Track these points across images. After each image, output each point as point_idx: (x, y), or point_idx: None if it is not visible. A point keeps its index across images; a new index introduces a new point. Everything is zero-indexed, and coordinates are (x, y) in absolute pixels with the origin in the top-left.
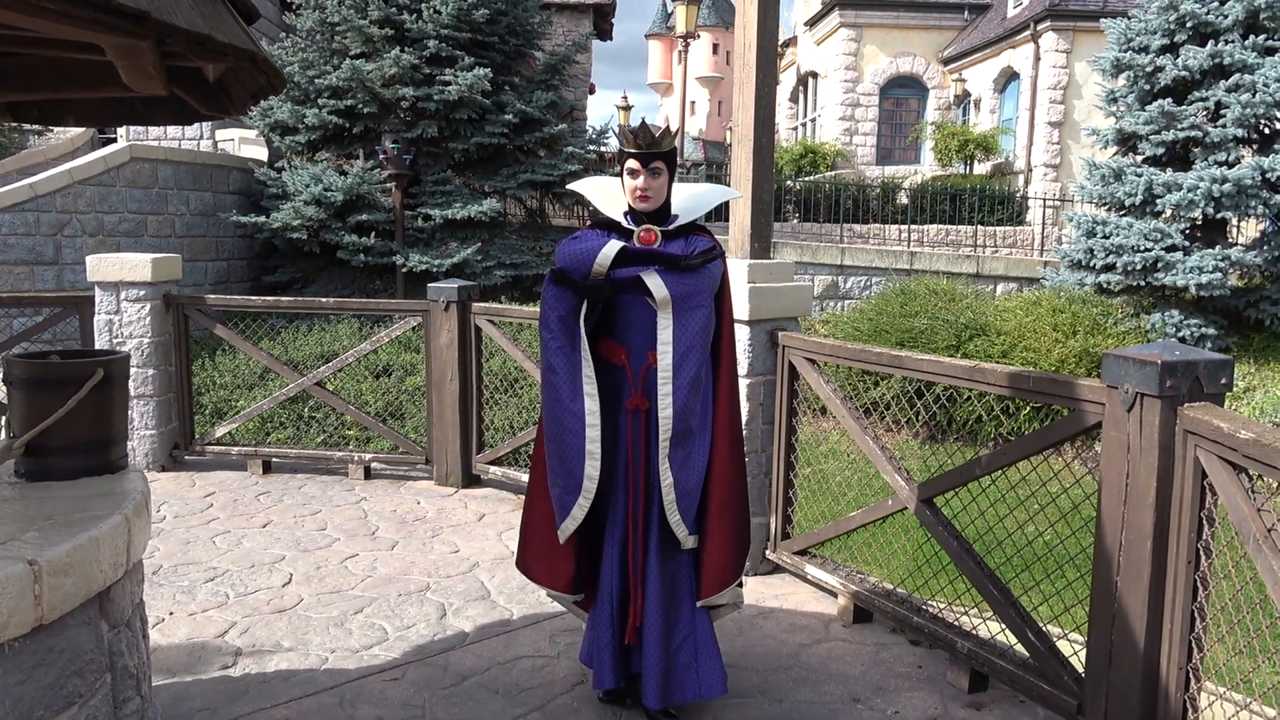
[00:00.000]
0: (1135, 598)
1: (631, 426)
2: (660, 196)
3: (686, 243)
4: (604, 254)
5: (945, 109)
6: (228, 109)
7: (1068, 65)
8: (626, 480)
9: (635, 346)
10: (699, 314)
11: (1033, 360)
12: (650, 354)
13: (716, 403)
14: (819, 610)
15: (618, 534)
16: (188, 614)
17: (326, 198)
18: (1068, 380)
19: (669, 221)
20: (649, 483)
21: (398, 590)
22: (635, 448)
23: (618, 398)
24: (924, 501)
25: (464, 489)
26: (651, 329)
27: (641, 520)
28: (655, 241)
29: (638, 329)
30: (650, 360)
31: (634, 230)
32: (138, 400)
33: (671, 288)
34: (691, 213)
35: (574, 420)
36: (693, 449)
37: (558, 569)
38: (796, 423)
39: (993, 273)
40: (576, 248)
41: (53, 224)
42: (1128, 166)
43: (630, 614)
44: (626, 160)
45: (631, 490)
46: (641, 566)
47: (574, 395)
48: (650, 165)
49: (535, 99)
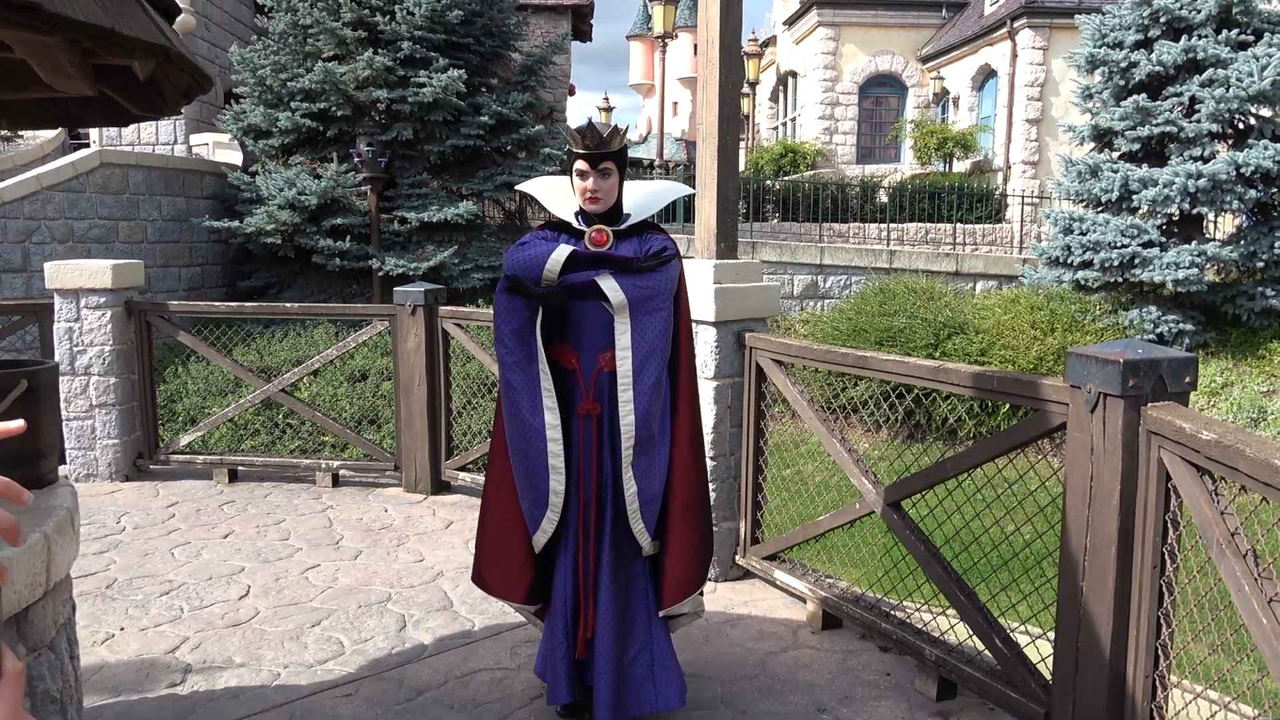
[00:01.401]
0: (1100, 604)
1: (583, 433)
2: (611, 197)
3: (640, 242)
4: (553, 259)
5: (924, 107)
6: (161, 109)
7: (1044, 62)
8: (579, 488)
9: (587, 350)
10: (658, 317)
11: (1011, 358)
12: (602, 357)
13: (676, 406)
14: (788, 617)
15: (570, 543)
16: (139, 629)
17: (300, 202)
18: (1031, 380)
19: (621, 221)
20: (600, 490)
21: (358, 602)
22: (587, 454)
23: (569, 403)
24: (891, 505)
25: (433, 495)
26: (603, 332)
27: (594, 529)
28: (607, 242)
29: (589, 332)
30: (602, 364)
31: (585, 231)
32: (99, 409)
33: (628, 291)
34: (644, 211)
35: (535, 435)
36: (654, 455)
37: (512, 580)
38: (765, 425)
39: (972, 271)
40: (525, 255)
41: (20, 231)
42: (1104, 163)
43: (580, 626)
44: (575, 161)
45: (583, 499)
46: (593, 577)
47: (534, 410)
48: (599, 166)
49: (512, 100)
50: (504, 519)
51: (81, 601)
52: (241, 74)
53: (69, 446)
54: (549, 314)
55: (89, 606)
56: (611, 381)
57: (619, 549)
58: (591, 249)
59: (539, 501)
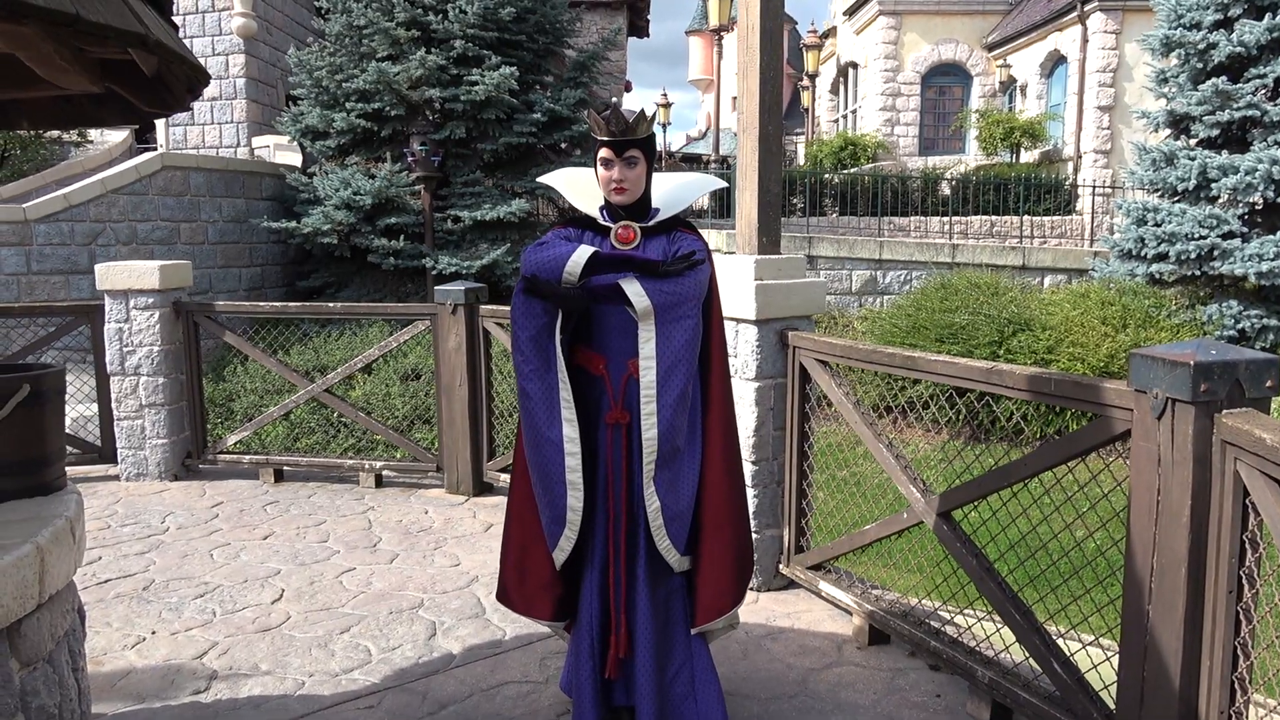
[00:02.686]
0: (1169, 630)
1: (611, 443)
2: (637, 189)
3: (669, 240)
4: (573, 261)
5: (990, 96)
6: (170, 104)
7: (1117, 47)
8: (606, 502)
9: (614, 355)
10: (685, 325)
11: (1079, 356)
12: (631, 363)
13: (709, 415)
14: (832, 630)
15: (597, 559)
16: (170, 633)
17: (356, 201)
18: (1092, 384)
19: (649, 216)
20: (631, 504)
21: (389, 608)
22: (615, 466)
23: (596, 411)
24: (942, 515)
25: (475, 497)
26: (632, 335)
27: (624, 544)
28: (634, 240)
29: (617, 336)
30: (631, 370)
31: (611, 227)
32: (149, 409)
33: (654, 297)
34: (674, 206)
35: (553, 449)
36: (681, 469)
37: (537, 597)
38: (809, 429)
39: (1040, 264)
40: (544, 255)
41: (87, 233)
42: (1180, 150)
43: (612, 645)
44: (599, 150)
45: (612, 513)
46: (624, 594)
47: (551, 422)
48: (625, 155)
49: (564, 97)
50: (526, 534)
51: (117, 603)
52: (298, 76)
53: (120, 446)
54: (572, 317)
55: (124, 608)
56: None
57: (654, 563)
58: (617, 247)
59: (557, 519)
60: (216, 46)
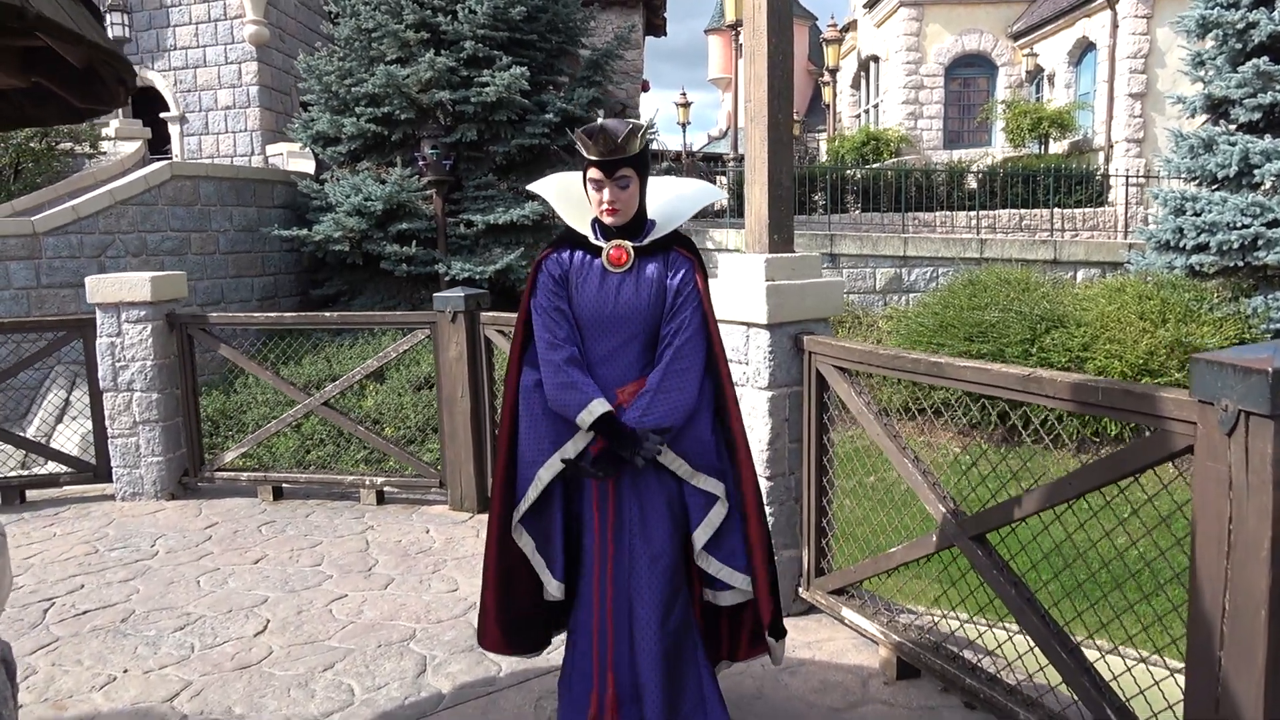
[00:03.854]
0: (1246, 682)
1: (598, 486)
2: (630, 209)
3: (665, 260)
4: (582, 418)
5: (1016, 87)
6: (105, 100)
7: (1148, 31)
8: (594, 543)
9: (605, 383)
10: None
11: (1117, 353)
12: (619, 391)
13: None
14: (857, 663)
15: (589, 606)
16: (143, 672)
17: (367, 208)
18: (1147, 393)
19: (645, 231)
20: (619, 544)
21: (378, 640)
22: (603, 501)
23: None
24: (975, 539)
25: (479, 514)
26: (622, 364)
27: (610, 587)
28: (627, 262)
29: (607, 365)
30: (620, 399)
31: (603, 247)
32: (143, 426)
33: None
34: (670, 221)
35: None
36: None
37: (502, 636)
38: (829, 440)
39: (1072, 258)
40: (558, 383)
41: (96, 245)
42: (1219, 135)
43: (592, 704)
44: (588, 169)
45: (598, 555)
46: (611, 645)
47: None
48: (616, 175)
49: (578, 96)
50: (499, 569)
51: (92, 638)
52: (308, 81)
53: (114, 465)
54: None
55: (98, 644)
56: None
57: (656, 600)
58: (609, 269)
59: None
60: (229, 55)
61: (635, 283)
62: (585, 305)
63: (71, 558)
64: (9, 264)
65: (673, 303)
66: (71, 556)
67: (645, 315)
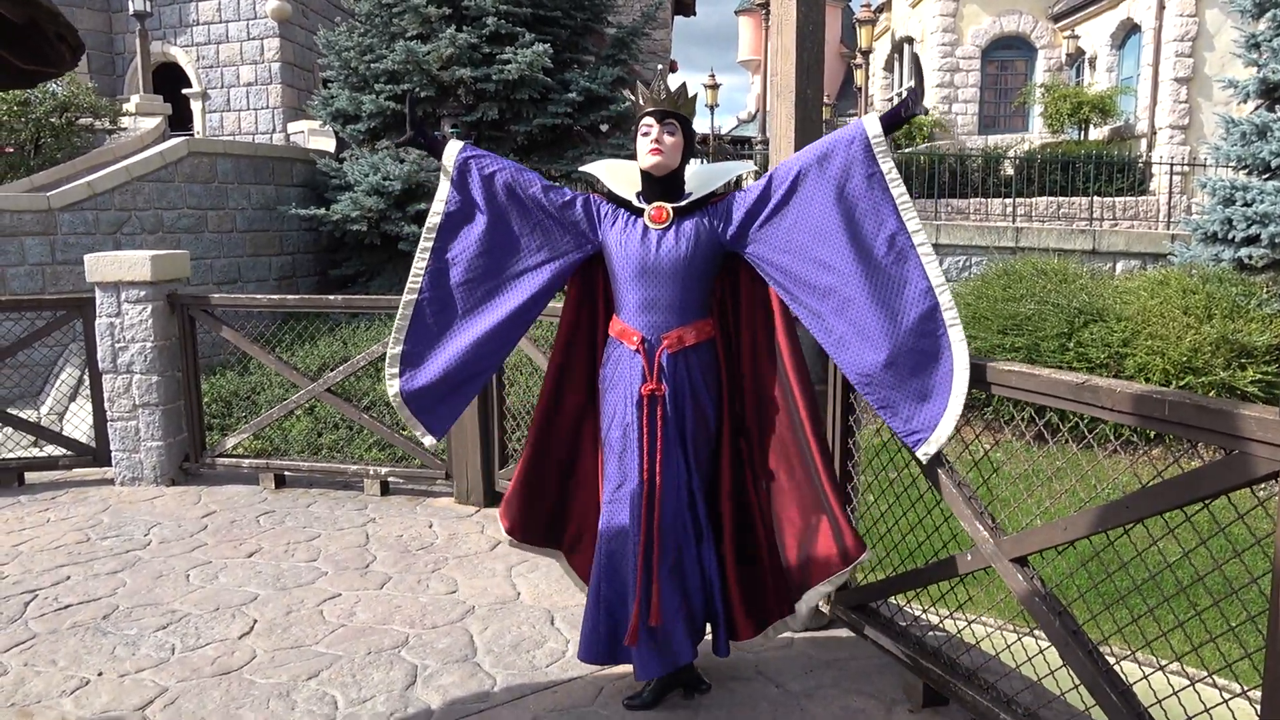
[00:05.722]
0: None
1: (648, 415)
2: (673, 157)
3: (704, 214)
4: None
5: (1056, 70)
6: (51, 61)
7: (1196, 13)
8: (640, 473)
9: (650, 328)
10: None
11: (1159, 349)
12: (665, 337)
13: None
14: (882, 686)
15: (631, 529)
16: (118, 675)
17: (385, 187)
18: (1224, 409)
19: (682, 197)
20: (666, 477)
21: (368, 646)
22: (651, 441)
23: (629, 385)
24: (1016, 561)
25: (485, 508)
26: (664, 311)
27: (657, 516)
28: (666, 220)
29: (650, 313)
30: (666, 344)
31: (644, 209)
32: (143, 409)
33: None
34: (703, 189)
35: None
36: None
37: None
38: (854, 444)
39: (1111, 249)
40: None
41: (111, 222)
42: (1274, 121)
43: (635, 612)
44: (642, 120)
45: (646, 484)
46: (656, 565)
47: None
48: (665, 121)
49: (601, 75)
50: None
51: (71, 635)
52: (327, 57)
53: (114, 448)
54: (607, 293)
55: (76, 642)
56: (676, 362)
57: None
58: (650, 226)
59: None
60: (252, 30)
61: (675, 237)
62: (629, 258)
63: (61, 546)
64: (24, 239)
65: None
66: (62, 545)
67: (684, 264)
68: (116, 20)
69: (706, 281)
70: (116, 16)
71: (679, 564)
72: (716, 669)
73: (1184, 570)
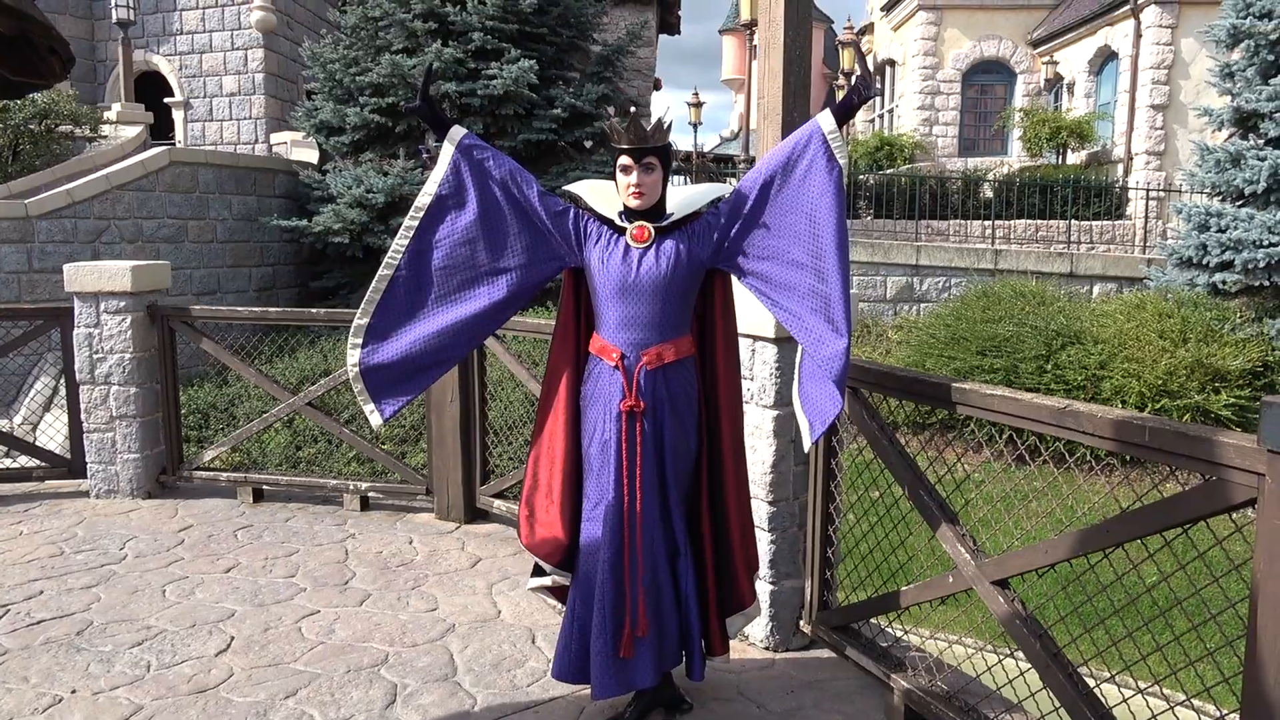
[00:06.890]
0: None
1: (626, 431)
2: (654, 194)
3: (684, 232)
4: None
5: (1035, 95)
6: (41, 74)
7: (1172, 42)
8: (621, 488)
9: (629, 345)
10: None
11: (1134, 372)
12: (645, 354)
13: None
14: (863, 708)
15: (611, 541)
16: (92, 693)
17: (368, 200)
18: (1203, 436)
19: (663, 219)
20: (645, 493)
21: (348, 664)
22: (631, 457)
23: (608, 401)
24: (997, 584)
25: (467, 524)
26: (644, 329)
27: (639, 530)
28: (647, 239)
29: (629, 330)
30: (645, 361)
31: (626, 227)
32: (120, 421)
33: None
34: (684, 209)
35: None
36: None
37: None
38: (837, 465)
39: (1089, 272)
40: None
41: (90, 231)
42: (1248, 149)
43: (626, 623)
44: (619, 158)
45: (626, 497)
46: (640, 575)
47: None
48: (643, 161)
49: (587, 92)
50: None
51: (44, 651)
52: (312, 69)
53: (89, 460)
54: (588, 308)
55: (49, 659)
56: (655, 379)
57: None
58: (631, 245)
59: None
60: (236, 41)
61: (655, 255)
62: (610, 276)
63: (35, 560)
64: (1, 247)
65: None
66: (35, 559)
67: (664, 283)
68: (99, 28)
69: (687, 299)
70: (99, 24)
71: (654, 583)
72: (698, 689)
73: (1162, 594)
